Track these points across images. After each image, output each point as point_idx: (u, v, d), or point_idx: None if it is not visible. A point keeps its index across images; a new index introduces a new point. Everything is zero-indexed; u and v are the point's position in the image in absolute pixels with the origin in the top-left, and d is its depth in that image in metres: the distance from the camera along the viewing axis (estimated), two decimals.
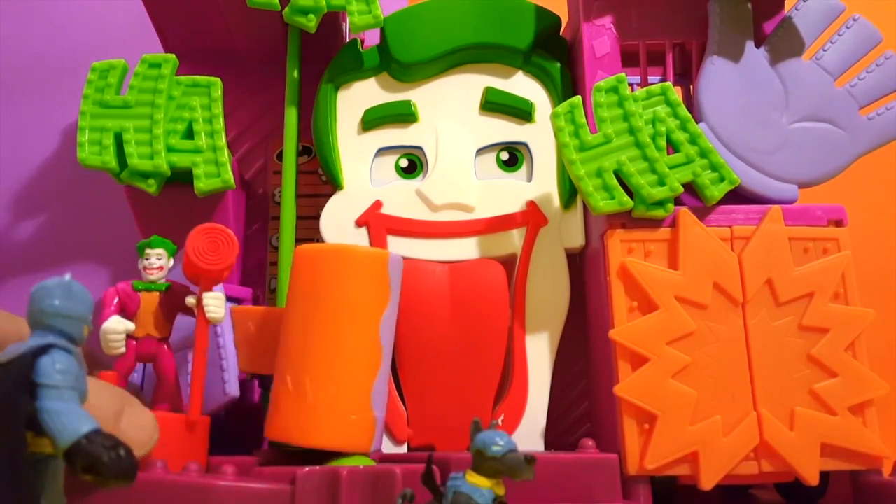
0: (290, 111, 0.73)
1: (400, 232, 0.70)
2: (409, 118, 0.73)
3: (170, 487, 0.49)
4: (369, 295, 0.57)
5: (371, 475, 0.50)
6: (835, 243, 0.61)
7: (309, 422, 0.54)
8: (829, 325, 0.59)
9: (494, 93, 0.74)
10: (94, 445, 0.35)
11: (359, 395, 0.55)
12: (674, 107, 0.63)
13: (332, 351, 0.55)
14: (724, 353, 0.58)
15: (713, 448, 0.56)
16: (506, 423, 0.65)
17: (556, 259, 0.69)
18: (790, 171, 0.65)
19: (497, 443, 0.41)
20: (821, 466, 0.56)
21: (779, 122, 0.66)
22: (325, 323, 0.56)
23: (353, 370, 0.55)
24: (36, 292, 0.40)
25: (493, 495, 0.41)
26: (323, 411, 0.54)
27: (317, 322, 0.56)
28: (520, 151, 0.74)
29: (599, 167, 0.61)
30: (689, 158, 0.62)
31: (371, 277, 0.57)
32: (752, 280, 0.59)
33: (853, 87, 0.66)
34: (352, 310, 0.56)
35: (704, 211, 0.62)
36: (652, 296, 0.59)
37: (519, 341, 0.68)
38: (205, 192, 0.67)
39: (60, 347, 0.38)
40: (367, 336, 0.56)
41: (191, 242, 0.56)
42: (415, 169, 0.73)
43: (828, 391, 0.57)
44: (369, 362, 0.56)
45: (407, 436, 0.66)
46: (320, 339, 0.55)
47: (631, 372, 0.58)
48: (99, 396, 0.25)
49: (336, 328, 0.56)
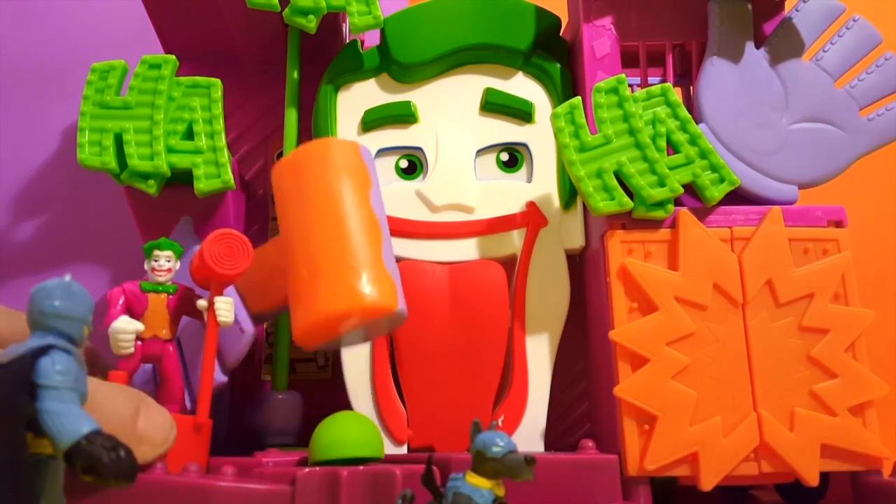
0: (290, 112, 0.73)
1: (400, 233, 0.70)
2: (409, 119, 0.73)
3: (170, 488, 0.49)
4: (352, 178, 0.58)
5: (371, 476, 0.50)
6: (835, 244, 0.61)
7: (333, 290, 0.54)
8: (829, 325, 0.59)
9: (494, 93, 0.74)
10: (94, 446, 0.35)
11: (372, 258, 0.55)
12: (674, 108, 0.63)
13: (335, 229, 0.56)
14: (724, 354, 0.58)
15: (713, 449, 0.56)
16: (506, 424, 0.65)
17: (556, 260, 0.69)
18: (790, 171, 0.65)
19: (497, 443, 0.41)
20: (821, 467, 0.56)
21: (779, 123, 0.66)
22: (319, 210, 0.56)
23: (360, 239, 0.56)
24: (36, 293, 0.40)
25: (493, 496, 0.41)
26: (344, 276, 0.54)
27: (312, 212, 0.57)
28: (520, 152, 0.74)
29: (599, 168, 0.61)
30: (689, 159, 0.62)
31: (349, 163, 0.59)
32: (752, 281, 0.59)
33: (853, 88, 0.66)
34: (340, 192, 0.57)
35: (704, 212, 0.62)
36: (652, 296, 0.59)
37: (519, 342, 0.68)
38: (205, 192, 0.67)
39: (60, 348, 0.38)
40: (363, 211, 0.57)
41: (207, 247, 0.56)
42: (415, 170, 0.73)
43: (828, 392, 0.57)
44: (372, 233, 0.57)
45: (407, 437, 0.66)
46: (320, 224, 0.56)
47: (631, 373, 0.58)
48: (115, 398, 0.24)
49: (332, 210, 0.56)
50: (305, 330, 0.55)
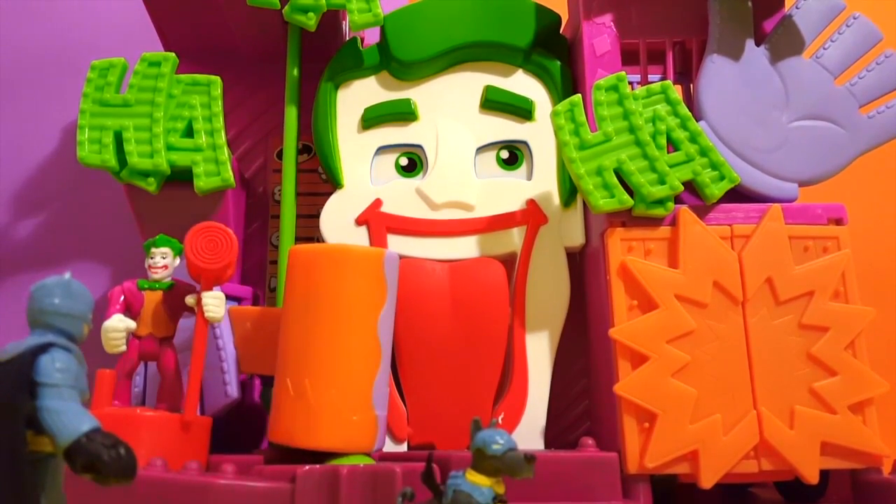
0: (290, 110, 0.73)
1: (400, 231, 0.70)
2: (409, 117, 0.73)
3: (170, 486, 0.49)
4: (366, 294, 0.57)
5: (371, 474, 0.50)
6: (835, 242, 0.61)
7: (311, 424, 0.54)
8: (829, 323, 0.59)
9: (494, 91, 0.74)
10: (94, 444, 0.35)
11: (360, 395, 0.55)
12: (674, 105, 0.63)
13: (331, 352, 0.55)
14: (724, 352, 0.58)
15: (713, 447, 0.56)
16: (506, 422, 0.65)
17: (556, 258, 0.69)
18: (790, 169, 0.64)
19: (497, 441, 0.41)
20: (821, 465, 0.56)
21: (779, 121, 0.65)
22: (322, 324, 0.56)
23: (353, 370, 0.55)
24: (35, 291, 0.40)
25: (493, 494, 0.41)
26: (324, 413, 0.54)
27: (314, 323, 0.56)
28: (520, 150, 0.74)
29: (599, 166, 0.61)
30: (689, 157, 0.62)
31: (367, 277, 0.57)
32: (752, 278, 0.59)
33: (853, 86, 0.66)
34: (349, 310, 0.56)
35: (704, 209, 0.62)
36: (652, 294, 0.59)
37: (519, 340, 0.68)
38: (205, 190, 0.67)
39: (60, 346, 0.38)
40: (366, 336, 0.56)
41: (189, 241, 0.56)
42: (415, 167, 0.73)
43: (828, 390, 0.57)
44: (369, 362, 0.56)
45: (407, 434, 0.66)
46: (318, 341, 0.55)
47: (631, 370, 0.57)
48: None
49: (334, 329, 0.56)
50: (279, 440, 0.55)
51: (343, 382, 0.55)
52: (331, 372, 0.55)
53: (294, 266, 0.59)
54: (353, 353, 0.56)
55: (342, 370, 0.55)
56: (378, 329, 0.57)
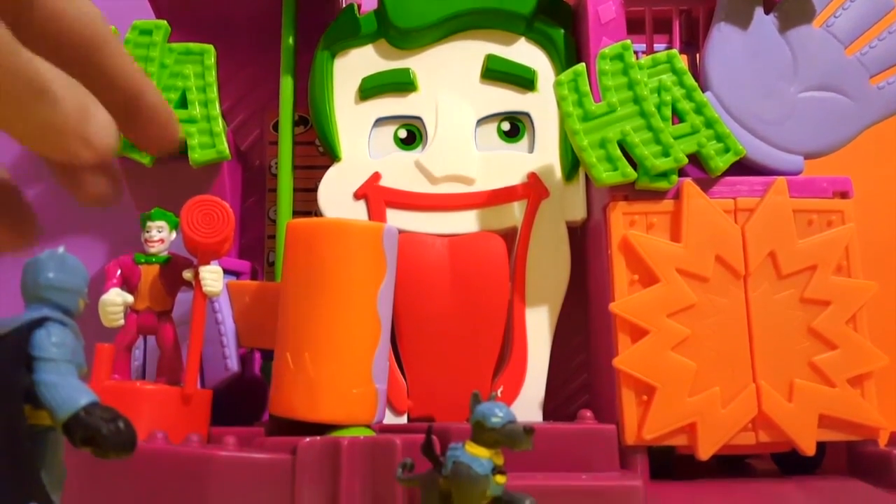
0: (286, 80, 0.72)
1: (399, 205, 0.69)
2: (408, 87, 0.72)
3: (171, 458, 0.49)
4: (365, 269, 0.56)
5: (371, 445, 0.50)
6: (839, 215, 0.61)
7: (311, 397, 0.54)
8: (830, 297, 0.58)
9: (496, 60, 0.72)
10: (92, 418, 0.34)
11: (360, 368, 0.55)
12: (679, 75, 0.62)
13: (331, 326, 0.55)
14: (725, 326, 0.58)
15: (711, 419, 0.56)
16: (505, 395, 0.66)
17: (557, 232, 0.69)
18: (797, 141, 0.64)
19: (496, 414, 0.41)
20: (818, 437, 0.56)
21: (786, 92, 0.64)
22: (321, 299, 0.55)
23: (353, 345, 0.55)
24: (29, 265, 0.39)
25: (492, 465, 0.41)
26: (324, 386, 0.54)
27: (313, 298, 0.55)
28: (521, 122, 0.73)
29: (603, 138, 0.60)
30: (695, 129, 0.61)
31: (366, 251, 0.57)
32: (754, 252, 0.59)
33: (864, 56, 0.65)
34: (348, 285, 0.56)
35: (708, 182, 0.61)
36: (653, 268, 0.58)
37: (519, 314, 0.67)
38: (200, 163, 0.66)
39: (55, 320, 0.37)
40: (365, 310, 0.56)
41: (185, 214, 0.55)
42: (414, 140, 0.72)
43: (827, 363, 0.57)
44: (368, 336, 0.56)
45: (407, 407, 0.66)
46: (318, 315, 0.55)
47: (630, 344, 0.57)
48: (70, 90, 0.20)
49: (333, 304, 0.55)
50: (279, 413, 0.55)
51: (343, 356, 0.55)
52: (331, 346, 0.55)
53: (292, 241, 0.58)
54: (353, 327, 0.55)
55: (342, 345, 0.55)
56: (377, 303, 0.56)
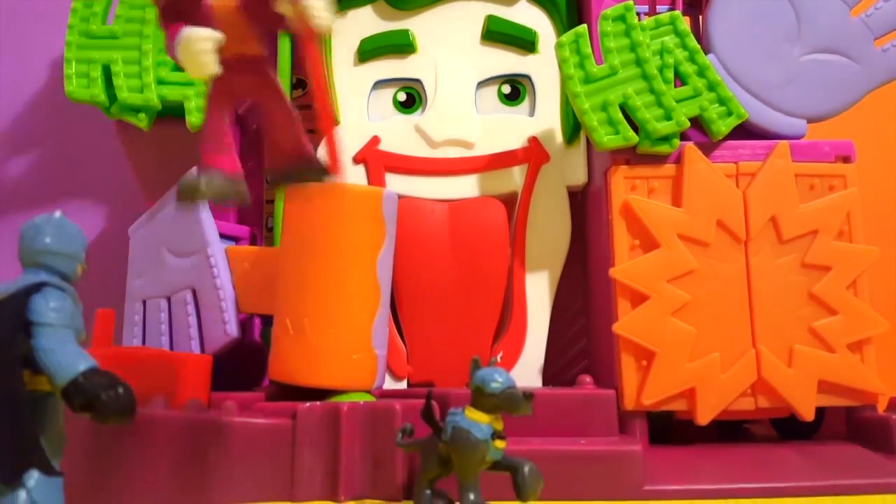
0: (283, 42, 0.71)
1: (398, 169, 0.69)
2: (408, 49, 0.71)
3: (171, 423, 0.49)
4: (364, 234, 0.56)
5: (371, 410, 0.51)
6: (841, 180, 0.60)
7: (311, 363, 0.54)
8: (831, 262, 0.58)
9: (496, 21, 0.71)
10: (91, 383, 0.35)
11: (359, 334, 0.55)
12: (682, 37, 0.61)
13: (330, 292, 0.55)
14: (725, 291, 0.58)
15: (710, 384, 0.56)
16: (504, 360, 0.66)
17: (558, 197, 0.68)
18: (800, 105, 0.63)
19: (496, 379, 0.41)
20: (817, 402, 0.57)
21: (790, 54, 0.63)
22: (320, 264, 0.55)
23: (352, 310, 0.55)
24: (26, 230, 0.39)
25: (491, 430, 0.41)
26: (324, 352, 0.54)
27: (312, 263, 0.55)
28: (522, 84, 0.71)
29: (605, 100, 0.59)
30: (697, 92, 0.60)
31: (365, 216, 0.56)
32: (756, 217, 0.59)
33: (869, 17, 0.63)
34: (348, 250, 0.55)
35: (710, 146, 0.61)
36: (654, 233, 0.58)
37: (518, 279, 0.67)
38: (198, 126, 0.65)
39: (53, 285, 0.37)
40: (365, 275, 0.56)
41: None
42: (413, 103, 0.71)
43: (827, 329, 0.57)
44: (368, 301, 0.56)
45: (406, 373, 0.67)
46: (317, 281, 0.55)
47: (630, 310, 0.57)
48: None
49: (332, 269, 0.55)
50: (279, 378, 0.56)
51: (342, 322, 0.55)
52: (330, 312, 0.55)
53: (290, 205, 0.57)
54: (352, 293, 0.55)
55: (341, 310, 0.55)
56: (377, 269, 0.56)
